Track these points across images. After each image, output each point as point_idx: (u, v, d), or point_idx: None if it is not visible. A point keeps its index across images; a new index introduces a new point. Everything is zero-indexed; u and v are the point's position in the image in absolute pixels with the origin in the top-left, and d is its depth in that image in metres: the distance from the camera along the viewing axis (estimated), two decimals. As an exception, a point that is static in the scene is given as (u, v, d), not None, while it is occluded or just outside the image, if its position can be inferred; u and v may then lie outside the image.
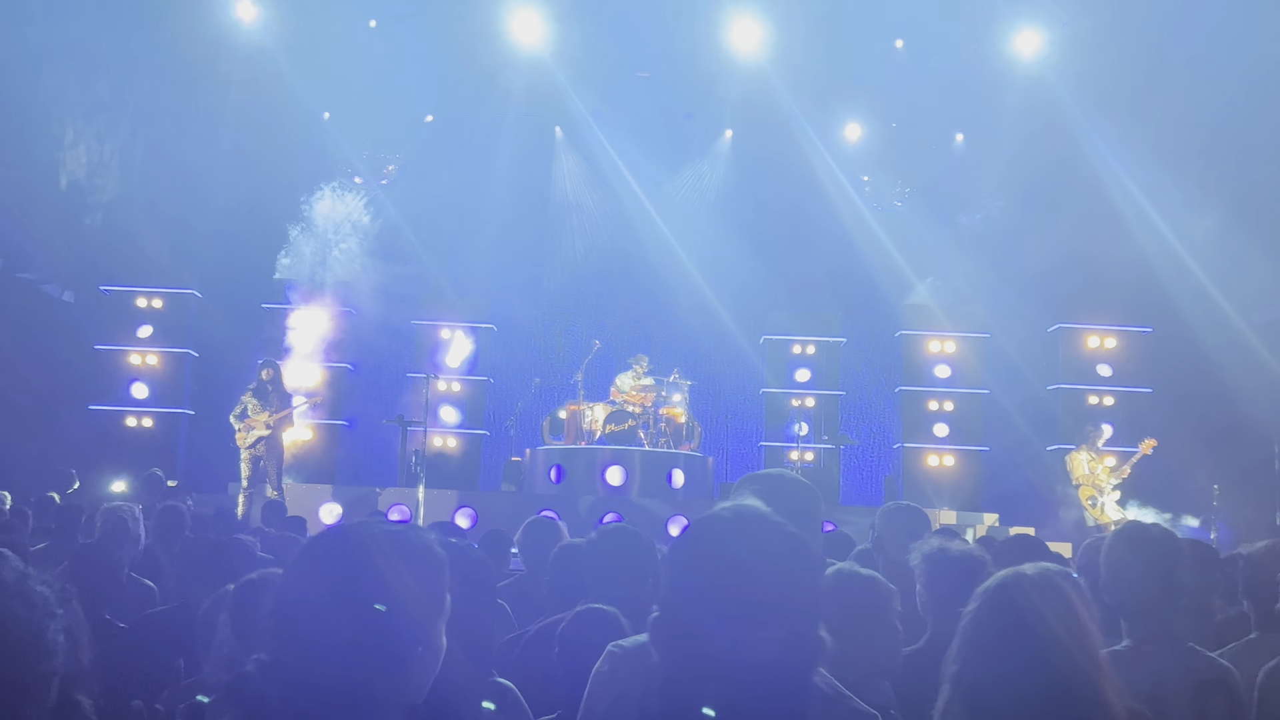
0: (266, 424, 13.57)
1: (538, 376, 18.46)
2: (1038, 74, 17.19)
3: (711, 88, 18.34)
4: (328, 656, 1.79)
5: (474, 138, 19.07)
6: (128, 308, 16.46)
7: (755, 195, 19.27)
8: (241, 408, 13.74)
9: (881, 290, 19.09)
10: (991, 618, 2.45)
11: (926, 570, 3.89)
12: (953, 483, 16.75)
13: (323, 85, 17.73)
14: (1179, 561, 3.60)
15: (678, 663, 1.83)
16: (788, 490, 2.94)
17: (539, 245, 19.05)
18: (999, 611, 2.45)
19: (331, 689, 1.78)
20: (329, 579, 1.83)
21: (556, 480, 15.56)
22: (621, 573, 4.15)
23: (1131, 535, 3.68)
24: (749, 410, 18.78)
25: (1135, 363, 16.65)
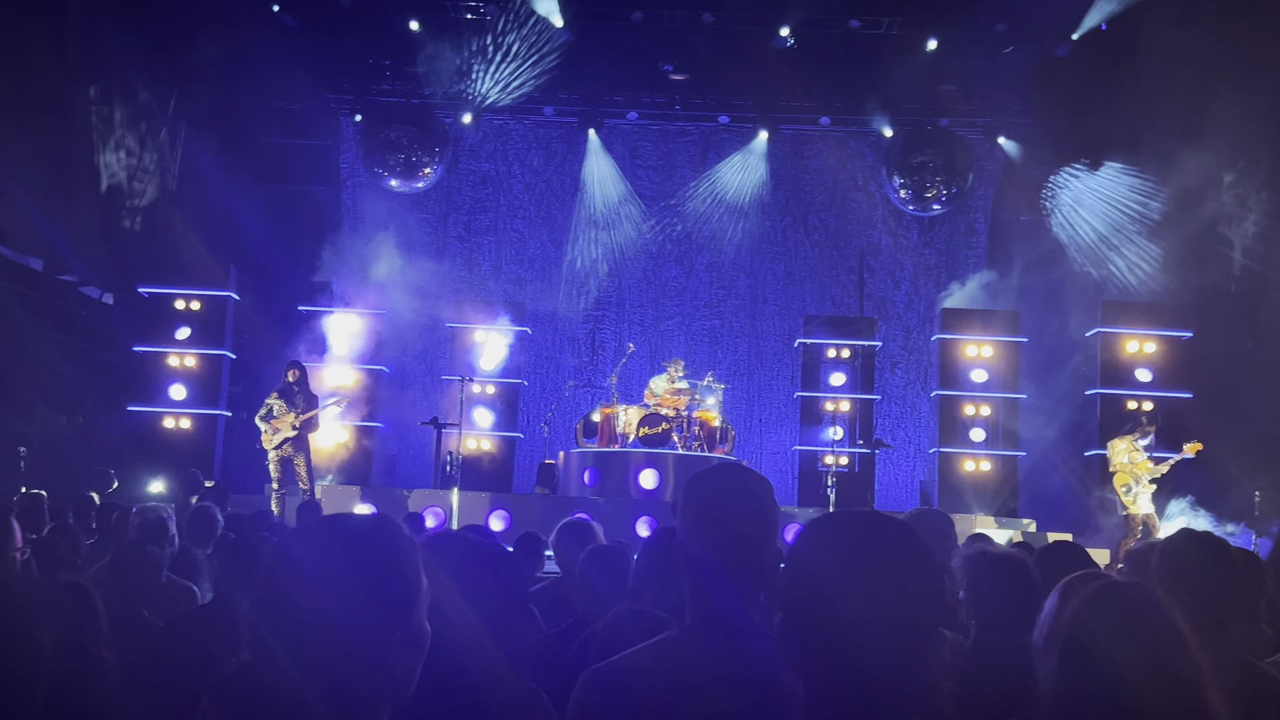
0: (292, 425, 13.65)
1: (572, 379, 18.49)
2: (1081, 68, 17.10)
3: (745, 87, 18.33)
4: (301, 653, 1.79)
5: (510, 139, 19.16)
6: (166, 310, 16.59)
7: (790, 197, 19.24)
8: (267, 409, 13.84)
9: (918, 294, 19.03)
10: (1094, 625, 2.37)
11: (968, 573, 3.84)
12: (989, 488, 16.61)
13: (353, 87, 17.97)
14: (1234, 570, 3.53)
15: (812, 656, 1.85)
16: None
17: (573, 248, 19.07)
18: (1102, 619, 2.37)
19: (310, 685, 1.78)
20: (295, 578, 1.83)
21: (590, 483, 15.56)
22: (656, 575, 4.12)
23: (1187, 544, 3.61)
24: (783, 414, 18.73)
25: (1175, 367, 16.44)
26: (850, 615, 1.80)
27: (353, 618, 1.81)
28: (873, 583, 1.82)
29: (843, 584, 1.82)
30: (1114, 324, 16.59)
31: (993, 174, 18.88)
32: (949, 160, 18.19)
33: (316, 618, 1.79)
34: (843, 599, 1.81)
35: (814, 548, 1.92)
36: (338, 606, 1.80)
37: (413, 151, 18.28)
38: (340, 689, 1.81)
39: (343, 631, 1.80)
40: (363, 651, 1.82)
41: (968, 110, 18.45)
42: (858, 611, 1.80)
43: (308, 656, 1.79)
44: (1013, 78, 17.85)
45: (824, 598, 1.84)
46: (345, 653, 1.80)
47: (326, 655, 1.79)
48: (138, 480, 14.47)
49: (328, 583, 1.82)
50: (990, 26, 17.31)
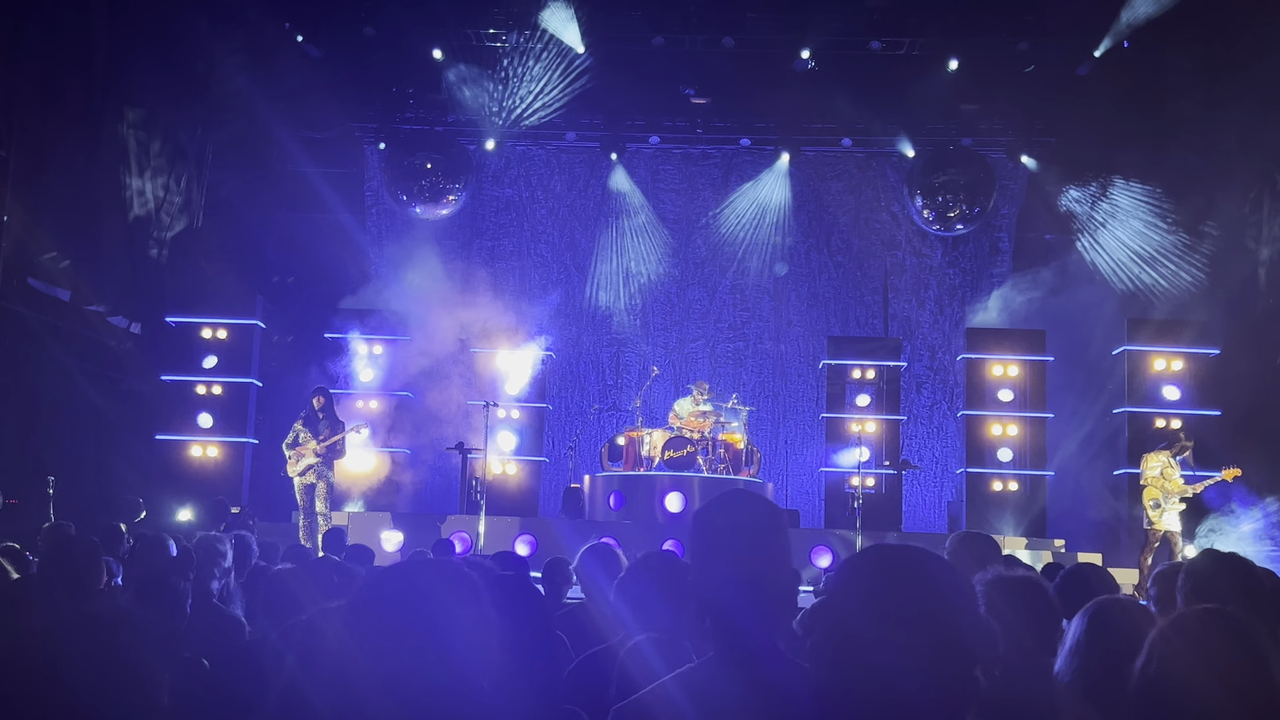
0: (316, 452, 13.68)
1: (596, 403, 18.50)
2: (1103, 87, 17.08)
3: (767, 110, 18.38)
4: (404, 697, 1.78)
5: (533, 164, 19.26)
6: (193, 339, 16.71)
7: (813, 218, 19.24)
8: (293, 436, 13.89)
9: (943, 313, 18.98)
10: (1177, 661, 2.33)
11: (986, 597, 3.81)
12: (1018, 508, 16.51)
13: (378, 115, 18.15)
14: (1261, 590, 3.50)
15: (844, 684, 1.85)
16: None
17: (597, 272, 19.11)
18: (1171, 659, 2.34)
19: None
20: (395, 619, 1.83)
21: (616, 507, 15.55)
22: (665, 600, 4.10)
23: (1212, 564, 3.58)
24: (809, 436, 18.68)
25: (1203, 385, 16.31)
26: (882, 663, 1.79)
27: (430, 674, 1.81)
28: (906, 632, 1.81)
29: (875, 631, 1.81)
30: (1141, 342, 16.47)
31: (1016, 193, 18.83)
32: (972, 179, 18.17)
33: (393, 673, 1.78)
34: (875, 646, 1.80)
35: (849, 588, 1.92)
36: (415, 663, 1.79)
37: (436, 178, 18.40)
38: None
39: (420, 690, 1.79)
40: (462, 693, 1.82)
41: (990, 129, 18.43)
42: (890, 660, 1.78)
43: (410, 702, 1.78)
44: (1035, 96, 17.85)
45: (856, 642, 1.83)
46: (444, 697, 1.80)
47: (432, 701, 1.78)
48: (166, 509, 14.55)
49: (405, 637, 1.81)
50: (1011, 46, 17.30)
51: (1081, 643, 2.92)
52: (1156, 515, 13.19)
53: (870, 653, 1.80)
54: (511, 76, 17.89)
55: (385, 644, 1.80)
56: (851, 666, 1.81)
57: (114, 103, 15.74)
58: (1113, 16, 16.43)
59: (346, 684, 1.80)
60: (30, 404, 14.56)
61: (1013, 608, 3.64)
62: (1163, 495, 13.21)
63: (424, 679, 1.79)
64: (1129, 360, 16.47)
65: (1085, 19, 16.78)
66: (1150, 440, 15.16)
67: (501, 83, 17.92)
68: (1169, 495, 13.19)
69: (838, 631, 1.86)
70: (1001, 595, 3.74)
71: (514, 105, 18.05)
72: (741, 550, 2.40)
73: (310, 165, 18.58)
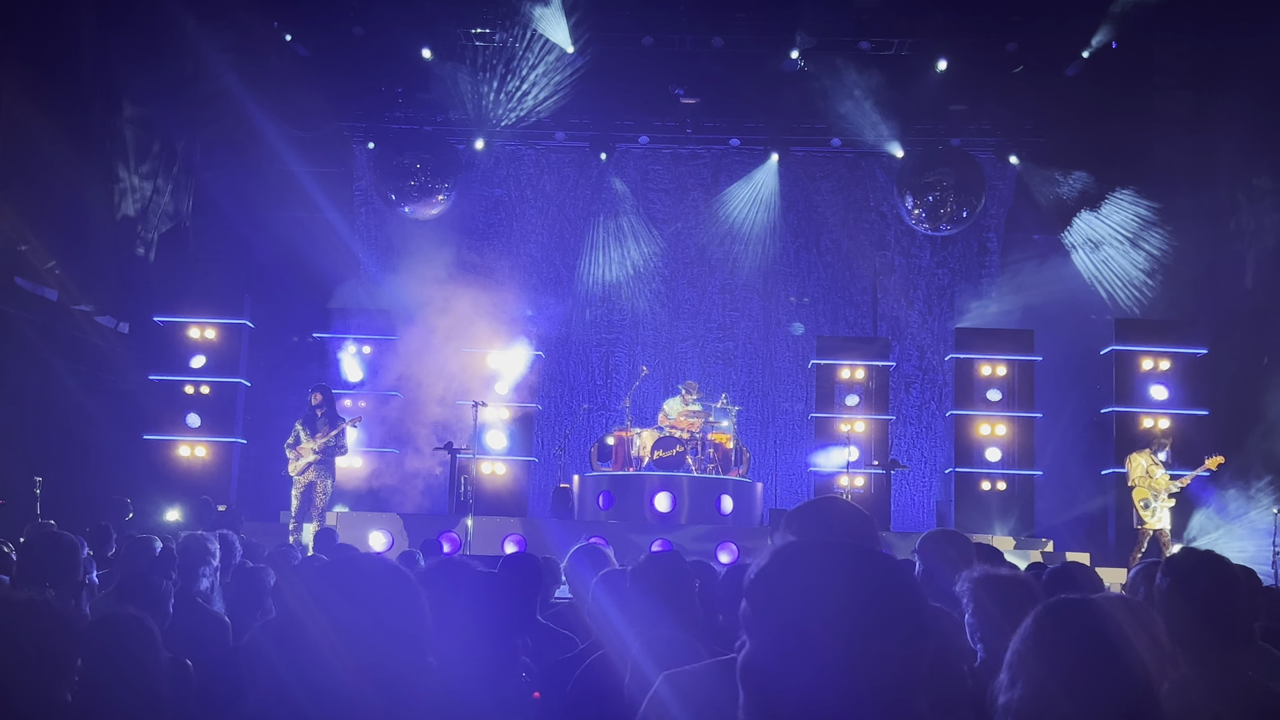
0: (315, 450, 13.65)
1: (586, 403, 18.49)
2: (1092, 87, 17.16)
3: (756, 110, 18.40)
4: (324, 695, 1.80)
5: (522, 164, 19.24)
6: (181, 338, 16.67)
7: (802, 218, 19.26)
8: (294, 435, 13.88)
9: (931, 313, 19.02)
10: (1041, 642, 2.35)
11: (974, 595, 3.83)
12: (1006, 508, 16.55)
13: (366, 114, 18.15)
14: (1238, 589, 3.51)
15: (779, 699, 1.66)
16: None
17: (586, 272, 19.09)
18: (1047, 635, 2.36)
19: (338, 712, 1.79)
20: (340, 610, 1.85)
21: (605, 507, 15.55)
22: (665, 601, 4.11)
23: (1190, 562, 3.60)
24: (798, 435, 18.69)
25: (1191, 384, 16.37)
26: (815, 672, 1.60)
27: (373, 658, 1.82)
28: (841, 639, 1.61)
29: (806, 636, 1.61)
30: (1128, 342, 16.53)
31: (1004, 193, 18.87)
32: (961, 180, 18.20)
33: (337, 660, 1.80)
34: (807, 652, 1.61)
35: (776, 587, 1.68)
36: (358, 648, 1.82)
37: (425, 178, 18.35)
38: (374, 712, 1.82)
39: (364, 672, 1.81)
40: (385, 690, 1.83)
41: (979, 130, 18.48)
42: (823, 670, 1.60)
43: (330, 699, 1.79)
44: (1023, 97, 17.90)
45: (786, 648, 1.63)
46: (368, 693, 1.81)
47: (345, 692, 1.80)
48: (154, 509, 14.51)
49: (347, 626, 1.83)
50: (1000, 46, 17.35)
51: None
52: (1149, 514, 13.29)
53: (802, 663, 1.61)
54: (501, 76, 17.87)
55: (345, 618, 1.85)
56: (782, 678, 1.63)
57: (102, 101, 15.70)
58: (1101, 17, 16.48)
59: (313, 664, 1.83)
60: (17, 403, 14.50)
61: (999, 605, 3.66)
62: (1151, 494, 13.27)
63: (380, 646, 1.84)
64: (1117, 360, 16.52)
65: (1073, 20, 16.83)
66: (1137, 441, 15.24)
67: (491, 82, 17.90)
68: (1157, 493, 13.25)
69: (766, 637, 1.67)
70: (987, 593, 3.77)
71: (503, 105, 18.04)
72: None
73: (299, 164, 18.53)
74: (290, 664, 1.84)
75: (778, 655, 1.64)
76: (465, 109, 18.05)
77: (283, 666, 1.85)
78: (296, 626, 1.86)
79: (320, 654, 1.81)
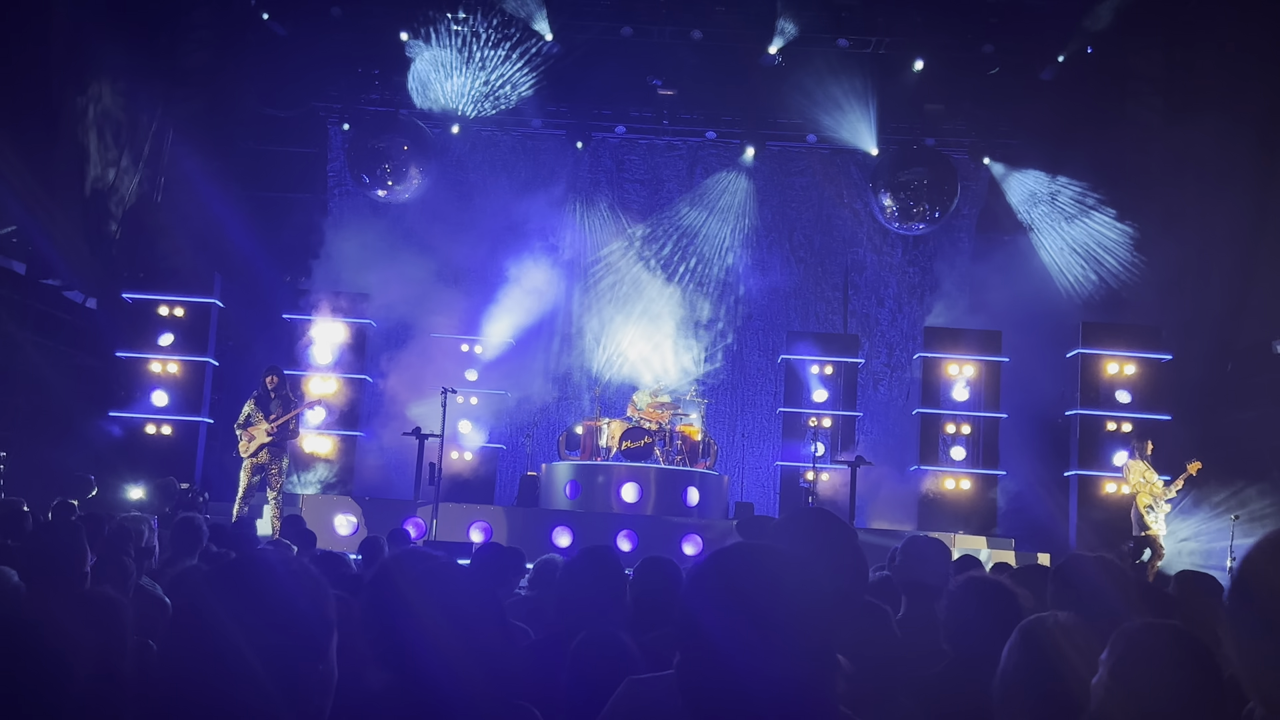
0: (268, 431, 13.56)
1: (555, 392, 18.50)
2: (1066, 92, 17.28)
3: (733, 104, 18.43)
4: (223, 683, 1.81)
5: (498, 150, 19.19)
6: (150, 316, 16.54)
7: (776, 213, 19.31)
8: (244, 415, 13.75)
9: (901, 311, 19.13)
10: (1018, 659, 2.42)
11: (957, 597, 3.90)
12: (969, 507, 16.68)
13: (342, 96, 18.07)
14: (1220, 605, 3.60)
15: (705, 698, 1.81)
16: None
17: (560, 259, 19.08)
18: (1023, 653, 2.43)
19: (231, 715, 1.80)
20: (222, 608, 1.86)
21: (572, 496, 15.58)
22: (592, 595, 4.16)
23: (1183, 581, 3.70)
24: (765, 430, 18.77)
25: (1155, 389, 16.55)
26: (736, 658, 1.75)
27: (267, 658, 1.83)
28: (754, 626, 1.77)
29: (726, 627, 1.77)
30: (1094, 345, 16.67)
31: (977, 194, 18.99)
32: (934, 179, 18.29)
33: (228, 659, 1.80)
34: (728, 642, 1.76)
35: (698, 589, 1.86)
36: (252, 647, 1.82)
37: (400, 161, 18.27)
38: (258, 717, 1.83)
39: (256, 672, 1.82)
40: (276, 691, 1.84)
41: (954, 130, 18.59)
42: (742, 654, 1.75)
43: (220, 699, 1.81)
44: (999, 99, 18.02)
45: (709, 640, 1.79)
46: (258, 693, 1.82)
47: (239, 696, 1.81)
48: (118, 486, 14.43)
49: (240, 625, 1.84)
50: (977, 48, 17.45)
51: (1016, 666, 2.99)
52: (1152, 520, 13.42)
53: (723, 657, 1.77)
54: (478, 61, 17.81)
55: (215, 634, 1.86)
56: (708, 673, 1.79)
57: (74, 76, 15.54)
58: (1076, 22, 16.60)
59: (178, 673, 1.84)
60: (-19, 377, 14.39)
61: (976, 607, 3.77)
62: (1152, 499, 13.44)
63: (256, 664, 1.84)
64: (1083, 363, 16.67)
65: (1050, 25, 16.95)
66: (1097, 446, 15.48)
67: (468, 67, 17.84)
68: (1156, 499, 13.43)
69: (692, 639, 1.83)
70: (967, 595, 3.85)
71: (480, 90, 17.98)
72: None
73: (272, 144, 18.45)
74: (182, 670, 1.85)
75: (696, 651, 1.81)
76: (441, 93, 17.97)
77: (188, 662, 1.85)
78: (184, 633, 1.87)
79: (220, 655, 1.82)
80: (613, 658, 3.54)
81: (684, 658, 1.84)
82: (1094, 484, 16.27)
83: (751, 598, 1.81)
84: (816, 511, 3.13)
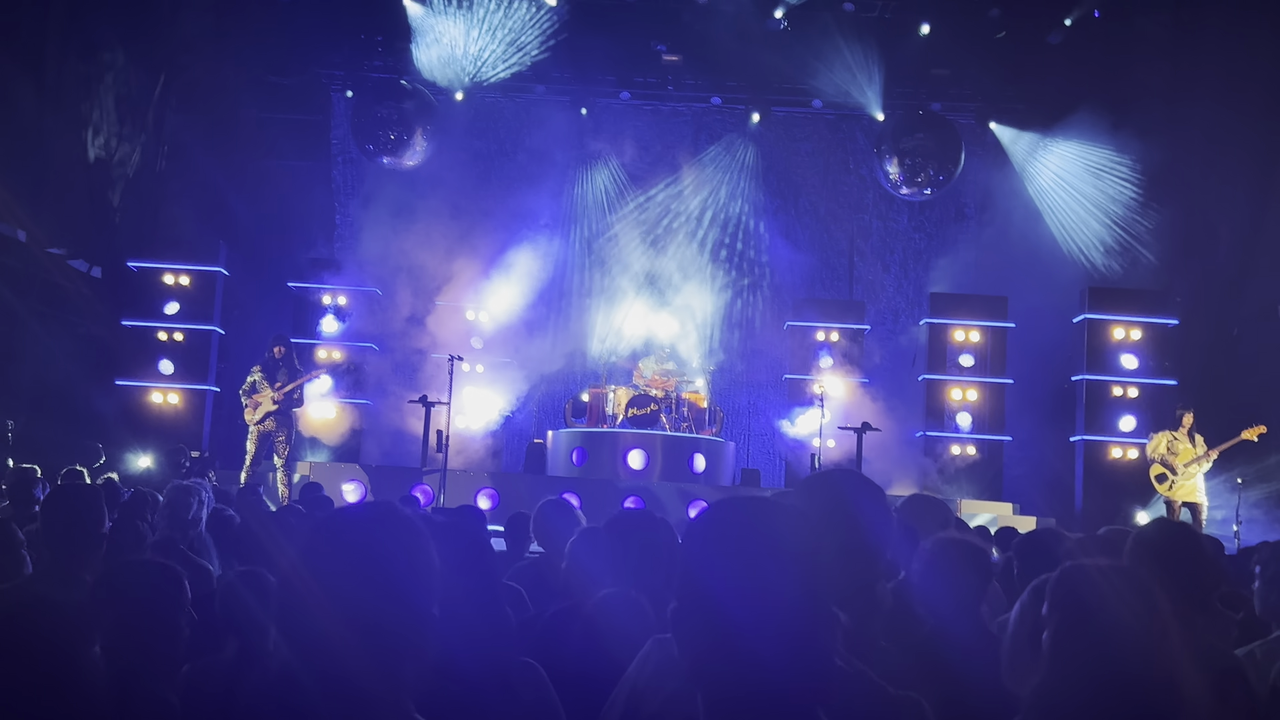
0: (274, 399, 13.59)
1: (561, 359, 18.50)
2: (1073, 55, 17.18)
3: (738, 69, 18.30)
4: (346, 639, 1.82)
5: (502, 117, 19.10)
6: (155, 284, 16.54)
7: (781, 179, 19.24)
8: (249, 383, 13.77)
9: (907, 277, 19.08)
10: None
11: (931, 555, 3.94)
12: (974, 472, 16.71)
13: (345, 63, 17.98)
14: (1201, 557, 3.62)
15: (701, 650, 1.82)
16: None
17: (564, 226, 19.04)
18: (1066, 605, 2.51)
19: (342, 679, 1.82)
20: (340, 563, 1.87)
21: (578, 463, 15.61)
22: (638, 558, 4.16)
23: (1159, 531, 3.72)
24: (771, 396, 18.76)
25: (1161, 354, 16.54)
26: (731, 609, 1.76)
27: (381, 623, 1.85)
28: (750, 576, 1.78)
29: (721, 578, 1.78)
30: (1101, 310, 16.64)
31: (984, 159, 18.90)
32: (940, 144, 18.19)
33: (349, 608, 1.82)
34: (723, 593, 1.77)
35: (695, 541, 1.88)
36: (369, 596, 1.84)
37: (404, 128, 18.16)
38: (372, 675, 1.84)
39: (375, 620, 1.83)
40: (394, 638, 1.86)
41: (960, 95, 18.48)
42: (737, 605, 1.76)
43: (339, 648, 1.81)
44: (1005, 63, 17.89)
45: (705, 591, 1.80)
46: (373, 661, 1.83)
47: (359, 645, 1.82)
48: (125, 455, 14.46)
49: (357, 574, 1.85)
50: (983, 11, 17.32)
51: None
52: (1164, 488, 13.58)
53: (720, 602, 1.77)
54: (482, 27, 17.70)
55: (337, 578, 1.86)
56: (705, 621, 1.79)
57: (74, 43, 15.46)
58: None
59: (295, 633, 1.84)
60: (-12, 346, 14.39)
61: (954, 565, 3.86)
62: (1166, 469, 13.59)
63: (375, 606, 1.85)
64: (1089, 328, 16.65)
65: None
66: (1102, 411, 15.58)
67: (472, 34, 17.73)
68: (1174, 468, 13.53)
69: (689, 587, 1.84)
70: (942, 554, 3.89)
71: (484, 57, 17.88)
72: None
73: (276, 112, 18.35)
74: (280, 623, 1.85)
75: (692, 602, 1.82)
76: (445, 59, 17.86)
77: (274, 625, 1.86)
78: (287, 586, 1.87)
79: (312, 615, 1.82)
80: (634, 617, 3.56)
81: (679, 608, 1.85)
82: (1100, 449, 16.29)
83: (743, 545, 1.81)
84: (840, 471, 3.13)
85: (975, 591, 3.92)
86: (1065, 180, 17.78)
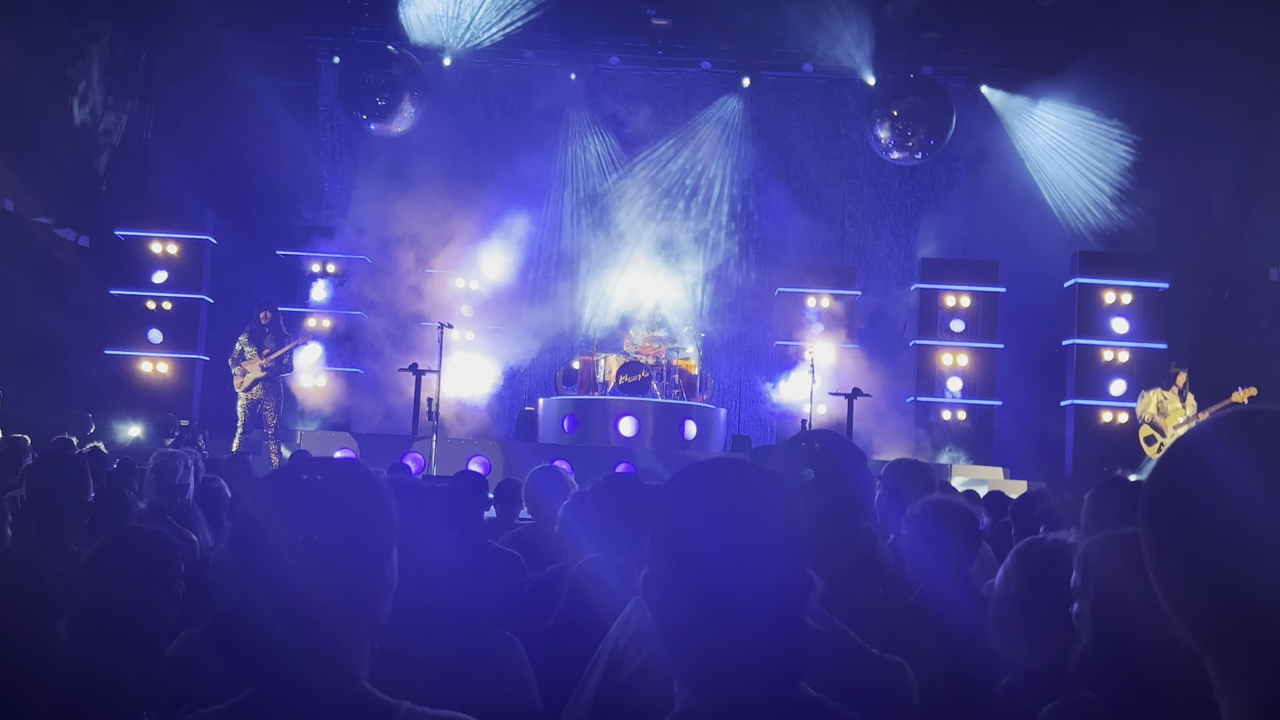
0: (262, 366, 13.58)
1: (552, 327, 18.45)
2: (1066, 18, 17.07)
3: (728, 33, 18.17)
4: (285, 598, 1.81)
5: (490, 82, 18.97)
6: (143, 253, 16.48)
7: (772, 144, 19.15)
8: (237, 352, 13.77)
9: (898, 243, 19.04)
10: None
11: (919, 517, 3.94)
12: (966, 437, 16.76)
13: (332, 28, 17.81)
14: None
15: (679, 614, 1.79)
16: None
17: (554, 194, 18.95)
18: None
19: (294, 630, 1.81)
20: (275, 524, 1.85)
21: (569, 430, 15.62)
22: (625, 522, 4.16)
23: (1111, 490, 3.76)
24: (763, 363, 18.75)
25: (1151, 318, 16.55)
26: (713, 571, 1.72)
27: (336, 560, 1.83)
28: (733, 538, 1.75)
29: (703, 540, 1.75)
30: (1091, 274, 16.65)
31: (975, 123, 18.81)
32: (931, 109, 18.09)
33: (300, 562, 1.81)
34: (705, 555, 1.74)
35: (673, 504, 1.83)
36: (321, 550, 1.83)
37: (391, 94, 18.00)
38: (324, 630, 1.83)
39: (327, 575, 1.82)
40: (346, 593, 1.85)
41: (951, 58, 18.37)
42: (720, 567, 1.72)
43: (291, 601, 1.81)
44: (997, 26, 17.79)
45: (685, 554, 1.76)
46: (330, 595, 1.82)
47: (311, 599, 1.81)
48: (115, 424, 14.44)
49: (310, 527, 1.84)
50: (975, -26, 17.22)
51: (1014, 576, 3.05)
52: (1153, 450, 13.70)
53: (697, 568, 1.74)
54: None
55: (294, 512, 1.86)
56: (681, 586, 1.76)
57: (60, 10, 15.31)
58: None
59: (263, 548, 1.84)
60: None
61: (943, 528, 3.88)
62: (1155, 430, 13.68)
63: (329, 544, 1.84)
64: (1080, 292, 16.65)
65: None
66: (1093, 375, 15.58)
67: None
68: (1163, 429, 13.62)
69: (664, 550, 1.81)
70: (931, 516, 3.90)
71: (472, 21, 17.74)
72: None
73: (262, 78, 18.18)
74: (251, 572, 1.85)
75: (669, 566, 1.78)
76: (432, 25, 17.72)
77: (245, 575, 1.85)
78: (255, 534, 1.87)
79: (282, 562, 1.82)
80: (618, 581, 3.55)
81: (651, 572, 1.82)
82: (1091, 413, 16.33)
83: (725, 506, 1.79)
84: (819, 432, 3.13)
85: (964, 554, 3.94)
86: (1057, 144, 17.73)
